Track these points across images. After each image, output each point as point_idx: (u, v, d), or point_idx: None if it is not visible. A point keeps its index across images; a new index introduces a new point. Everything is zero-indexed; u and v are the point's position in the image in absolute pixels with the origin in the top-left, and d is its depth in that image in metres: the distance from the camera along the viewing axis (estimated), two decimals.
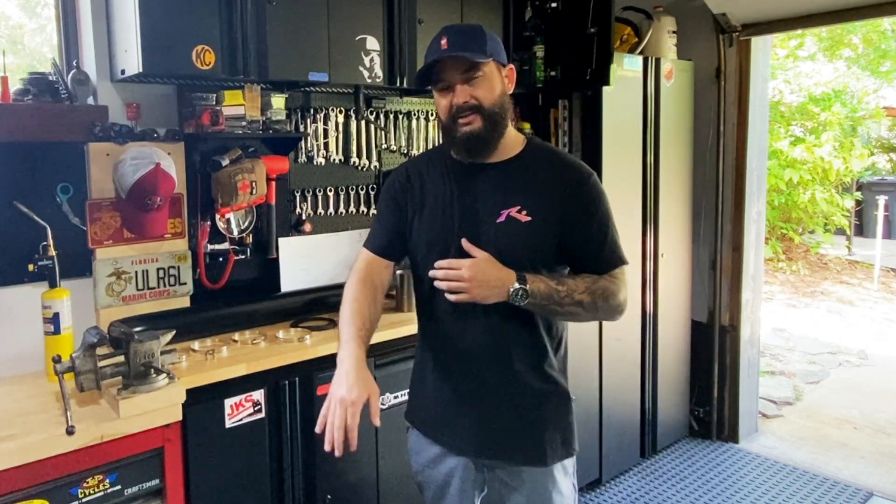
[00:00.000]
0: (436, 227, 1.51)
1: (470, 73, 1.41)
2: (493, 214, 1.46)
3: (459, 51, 1.39)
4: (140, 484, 1.65)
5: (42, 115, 1.94)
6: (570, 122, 3.05)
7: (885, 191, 9.01)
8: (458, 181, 1.51)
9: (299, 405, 2.03)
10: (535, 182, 1.47)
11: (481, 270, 1.38)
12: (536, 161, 1.50)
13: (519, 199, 1.46)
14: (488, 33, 1.45)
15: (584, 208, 1.48)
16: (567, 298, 1.41)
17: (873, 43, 8.77)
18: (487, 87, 1.43)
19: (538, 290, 1.39)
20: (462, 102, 1.42)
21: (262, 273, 2.47)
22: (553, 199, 1.45)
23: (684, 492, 3.06)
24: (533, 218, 1.44)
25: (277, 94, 2.32)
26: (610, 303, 1.46)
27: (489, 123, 1.43)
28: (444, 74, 1.43)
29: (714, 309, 3.52)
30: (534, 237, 1.44)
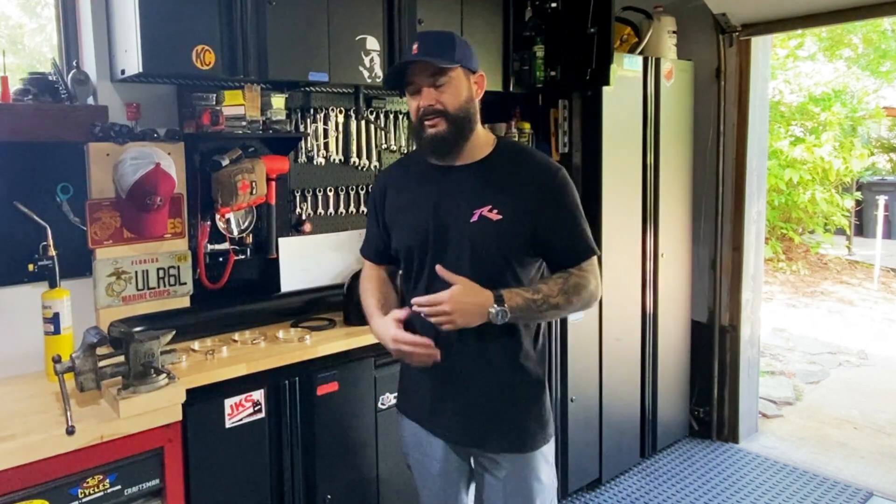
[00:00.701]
0: (414, 230, 1.60)
1: (436, 77, 1.49)
2: (466, 214, 1.53)
3: (427, 56, 1.48)
4: (140, 484, 1.65)
5: (42, 115, 1.94)
6: (570, 122, 3.05)
7: (885, 191, 9.01)
8: (432, 184, 1.59)
9: (299, 405, 2.03)
10: (506, 181, 1.54)
11: (460, 301, 1.45)
12: (506, 161, 1.58)
13: (490, 198, 1.52)
14: (459, 41, 1.54)
15: (554, 203, 1.54)
16: (544, 304, 1.49)
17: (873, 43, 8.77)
18: (453, 93, 1.51)
19: (516, 306, 1.46)
20: (427, 105, 1.50)
21: (262, 273, 2.47)
22: (523, 197, 1.52)
23: (684, 492, 3.06)
24: (504, 216, 1.51)
25: (277, 94, 2.32)
26: (583, 296, 1.54)
27: (453, 127, 1.51)
28: (413, 78, 1.52)
29: (714, 309, 3.52)
30: (505, 234, 1.51)
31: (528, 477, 1.62)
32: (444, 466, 1.68)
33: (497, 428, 1.59)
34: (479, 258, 1.52)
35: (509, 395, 1.59)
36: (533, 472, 1.62)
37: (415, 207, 1.61)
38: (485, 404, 1.59)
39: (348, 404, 2.14)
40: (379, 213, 1.71)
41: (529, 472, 1.62)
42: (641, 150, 3.15)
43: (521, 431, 1.60)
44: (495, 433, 1.59)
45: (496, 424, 1.59)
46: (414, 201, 1.62)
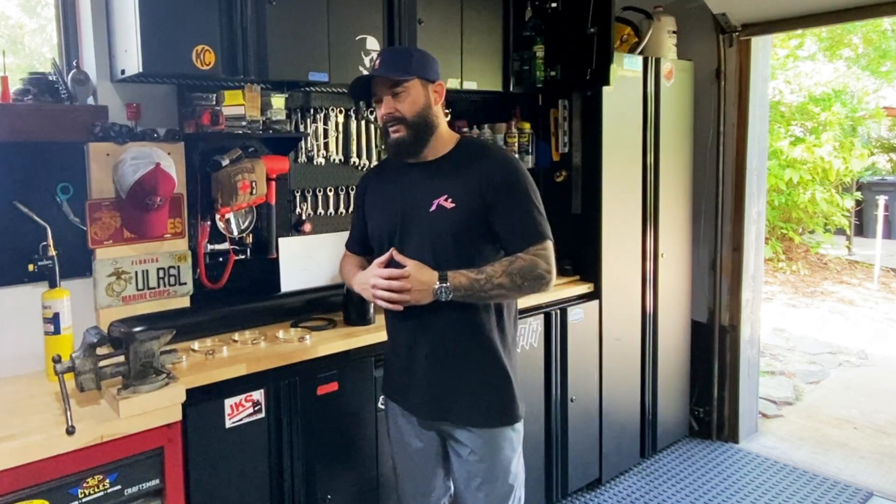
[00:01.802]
0: (385, 220, 1.78)
1: (394, 88, 1.66)
2: (426, 205, 1.69)
3: (382, 71, 1.67)
4: (140, 484, 1.65)
5: (42, 115, 1.94)
6: (570, 122, 3.05)
7: (885, 191, 9.01)
8: (400, 180, 1.78)
9: (299, 405, 2.03)
10: (461, 173, 1.69)
11: (415, 279, 1.62)
12: (464, 155, 1.73)
13: (446, 189, 1.68)
14: (417, 54, 1.73)
15: (504, 190, 1.66)
16: (487, 284, 1.61)
17: (873, 43, 8.77)
18: (410, 102, 1.67)
19: (460, 284, 1.61)
20: (387, 113, 1.68)
21: (262, 273, 2.47)
22: (475, 186, 1.66)
23: (684, 492, 3.06)
24: (457, 204, 1.67)
25: (277, 94, 2.32)
26: (529, 279, 1.64)
27: (412, 131, 1.68)
28: (375, 89, 1.71)
29: (714, 309, 3.52)
30: (458, 221, 1.66)
31: (492, 458, 1.74)
32: (418, 446, 1.83)
33: (458, 400, 1.72)
34: (438, 245, 1.67)
35: (469, 370, 1.72)
36: (498, 455, 1.74)
37: (386, 201, 1.80)
38: (446, 379, 1.72)
39: (348, 404, 2.14)
40: (360, 207, 1.93)
41: (494, 455, 1.74)
42: (641, 150, 3.15)
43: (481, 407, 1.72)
44: (457, 405, 1.72)
45: (457, 397, 1.72)
46: (386, 195, 1.81)
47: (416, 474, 1.88)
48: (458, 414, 1.73)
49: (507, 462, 1.76)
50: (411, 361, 1.77)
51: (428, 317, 1.70)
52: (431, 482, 1.88)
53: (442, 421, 1.76)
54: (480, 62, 2.75)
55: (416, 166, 1.75)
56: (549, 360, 2.81)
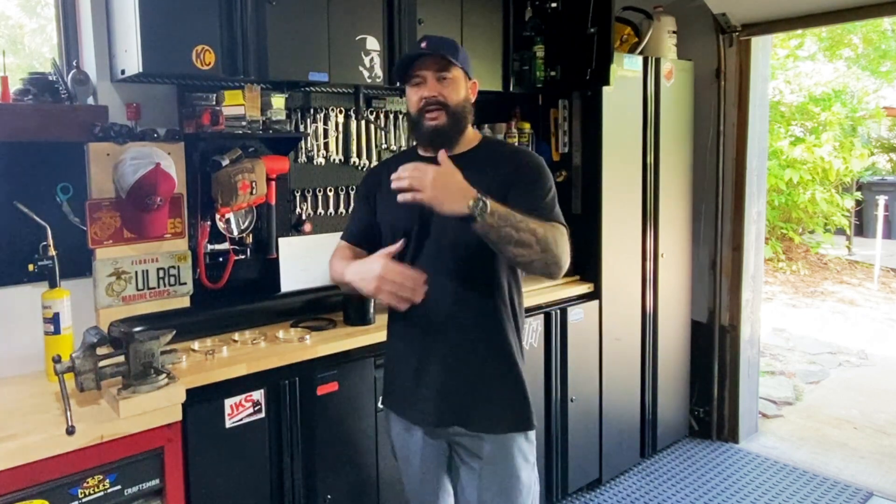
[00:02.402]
0: (401, 216, 1.67)
1: (441, 73, 1.62)
2: None
3: (437, 50, 1.60)
4: (140, 484, 1.64)
5: (42, 115, 1.94)
6: (570, 122, 3.05)
7: (885, 191, 9.01)
8: None
9: (299, 405, 2.03)
10: (485, 168, 1.63)
11: (445, 175, 1.43)
12: (488, 152, 1.70)
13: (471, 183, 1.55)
14: (461, 48, 1.67)
15: (524, 179, 1.62)
16: (523, 224, 1.46)
17: (873, 43, 8.77)
18: (454, 89, 1.64)
19: (496, 209, 1.43)
20: (431, 96, 1.62)
21: (262, 273, 2.47)
22: (497, 179, 1.60)
23: (684, 492, 3.06)
24: None
25: (277, 94, 2.32)
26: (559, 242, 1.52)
27: (452, 120, 1.64)
28: (419, 71, 1.63)
29: (714, 309, 3.52)
30: None
31: (505, 468, 1.65)
32: (423, 459, 1.75)
33: (472, 405, 1.64)
34: (459, 240, 1.59)
35: (486, 374, 1.65)
36: (510, 465, 1.65)
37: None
38: (461, 382, 1.64)
39: (348, 404, 2.14)
40: (370, 199, 1.80)
41: (506, 464, 1.65)
42: (641, 150, 3.15)
43: (500, 413, 1.65)
44: (470, 410, 1.64)
45: (471, 402, 1.64)
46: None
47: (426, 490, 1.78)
48: (471, 419, 1.64)
49: (519, 472, 1.67)
50: (423, 364, 1.67)
51: (444, 317, 1.63)
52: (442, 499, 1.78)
53: (453, 427, 1.67)
54: (480, 62, 2.74)
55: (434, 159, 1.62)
56: (549, 359, 2.81)
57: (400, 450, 1.81)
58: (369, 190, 1.82)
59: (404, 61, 1.66)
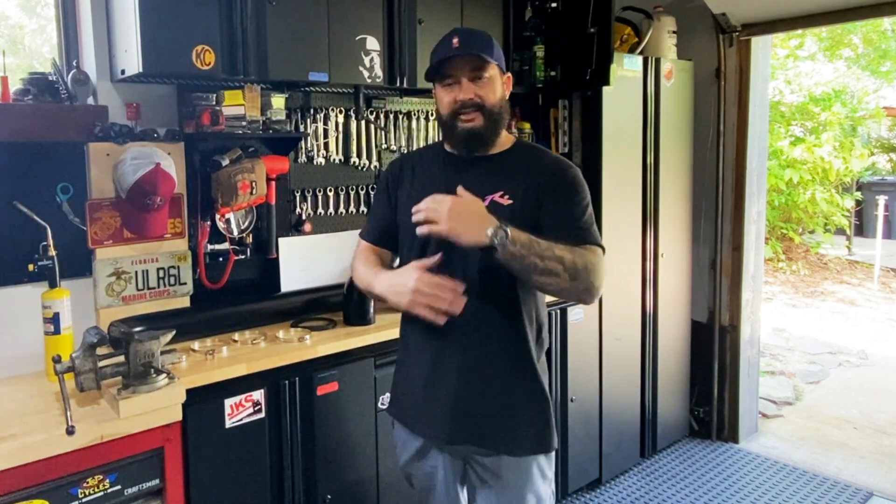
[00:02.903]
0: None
1: (477, 72, 1.51)
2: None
3: (472, 50, 1.49)
4: (140, 484, 1.64)
5: (42, 115, 1.94)
6: (570, 122, 3.05)
7: (885, 191, 9.00)
8: (448, 171, 1.61)
9: (299, 405, 2.03)
10: (519, 172, 1.56)
11: (463, 205, 1.38)
12: (522, 155, 1.61)
13: (502, 185, 1.53)
14: (494, 41, 1.57)
15: (562, 192, 1.53)
16: (548, 252, 1.39)
17: (873, 43, 8.78)
18: (491, 89, 1.53)
19: (518, 237, 1.36)
20: (467, 98, 1.51)
21: (262, 273, 2.47)
22: (532, 185, 1.53)
23: (684, 492, 3.06)
24: (514, 201, 1.52)
25: (277, 94, 2.32)
26: (588, 267, 1.43)
27: (489, 122, 1.54)
28: (452, 71, 1.52)
29: (714, 309, 3.52)
30: (514, 219, 1.45)
31: (524, 489, 1.56)
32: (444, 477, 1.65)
33: (491, 424, 1.54)
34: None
35: (509, 393, 1.55)
36: (529, 485, 1.56)
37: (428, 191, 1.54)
38: (479, 397, 1.54)
39: (348, 404, 2.14)
40: (391, 193, 1.69)
41: (526, 485, 1.56)
42: (641, 150, 3.15)
43: (519, 433, 1.54)
44: (489, 429, 1.54)
45: (490, 419, 1.54)
46: (428, 185, 1.59)
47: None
48: (488, 439, 1.54)
49: (538, 490, 1.58)
50: (435, 375, 1.57)
51: (462, 325, 1.49)
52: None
53: (468, 446, 1.57)
54: None
55: (469, 160, 1.59)
56: (549, 359, 2.80)
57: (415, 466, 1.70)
58: (389, 185, 1.71)
59: (436, 62, 1.53)
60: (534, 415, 1.56)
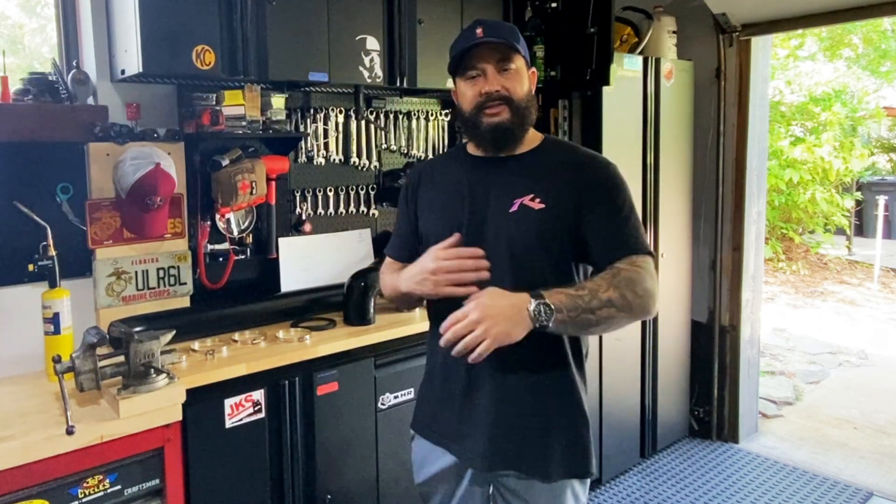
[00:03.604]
0: (444, 220, 1.47)
1: (503, 63, 1.40)
2: (505, 204, 1.41)
3: (500, 37, 1.38)
4: (140, 484, 1.65)
5: (42, 115, 1.94)
6: (570, 122, 3.05)
7: (885, 191, 9.00)
8: (471, 174, 1.49)
9: (299, 405, 2.03)
10: (551, 172, 1.43)
11: (490, 304, 1.23)
12: (553, 154, 1.47)
13: (533, 187, 1.41)
14: (519, 33, 1.46)
15: (602, 195, 1.40)
16: (595, 301, 1.28)
17: (873, 43, 8.77)
18: (518, 80, 1.42)
19: (561, 303, 1.25)
20: (493, 90, 1.39)
21: (262, 273, 2.48)
22: (568, 187, 1.40)
23: (684, 492, 3.06)
24: (547, 205, 1.38)
25: (277, 94, 2.32)
26: (638, 292, 1.33)
27: (517, 116, 1.42)
28: (476, 62, 1.41)
29: (714, 309, 3.52)
30: (547, 224, 1.37)
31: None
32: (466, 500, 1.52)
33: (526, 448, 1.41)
34: (517, 253, 1.38)
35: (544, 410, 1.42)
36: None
37: (449, 196, 1.49)
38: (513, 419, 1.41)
39: (348, 404, 2.14)
40: (410, 203, 1.59)
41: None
42: (641, 150, 3.15)
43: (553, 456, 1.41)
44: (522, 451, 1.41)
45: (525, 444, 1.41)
46: (449, 190, 1.50)
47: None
48: (522, 463, 1.41)
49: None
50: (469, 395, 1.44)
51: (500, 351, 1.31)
52: None
53: (501, 471, 1.43)
54: None
55: (493, 161, 1.47)
56: None
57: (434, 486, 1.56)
58: (408, 199, 1.60)
59: (460, 52, 1.41)
60: (570, 436, 1.43)
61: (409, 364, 2.28)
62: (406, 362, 2.28)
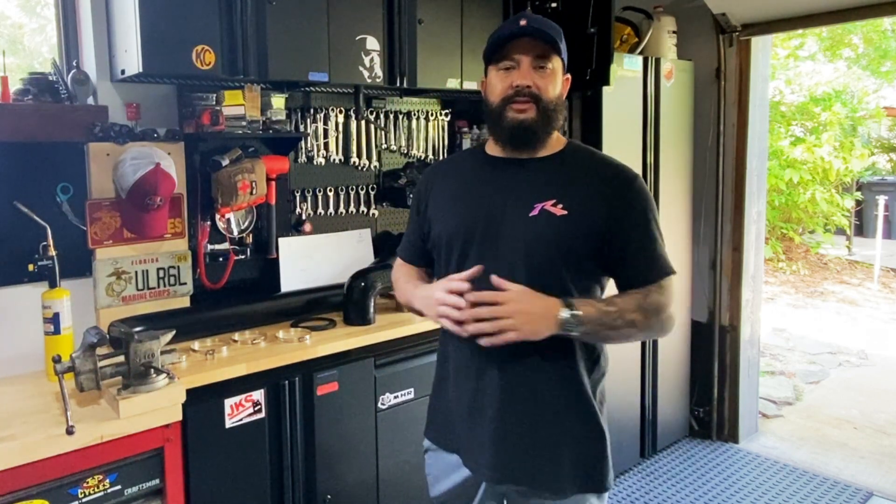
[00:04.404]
0: (460, 221, 1.43)
1: (541, 60, 1.36)
2: (524, 208, 1.36)
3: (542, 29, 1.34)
4: (140, 484, 1.65)
5: (42, 115, 1.94)
6: (570, 122, 3.05)
7: (885, 191, 9.00)
8: (488, 176, 1.45)
9: (299, 405, 2.03)
10: (575, 178, 1.39)
11: (524, 300, 1.24)
12: (577, 159, 1.43)
13: (555, 192, 1.36)
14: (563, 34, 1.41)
15: (631, 210, 1.37)
16: (619, 320, 1.29)
17: (874, 43, 8.78)
18: (552, 81, 1.37)
19: (589, 315, 1.26)
20: (524, 85, 1.34)
21: (262, 273, 2.48)
22: (595, 197, 1.36)
23: (684, 492, 3.06)
24: (570, 212, 1.34)
25: (277, 94, 2.32)
26: (661, 318, 1.35)
27: (543, 116, 1.36)
28: (514, 52, 1.36)
29: (714, 309, 3.52)
30: (569, 233, 1.33)
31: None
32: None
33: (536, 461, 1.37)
34: (535, 259, 1.34)
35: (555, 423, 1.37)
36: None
37: (464, 197, 1.45)
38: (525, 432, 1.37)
39: (348, 404, 2.14)
40: (422, 206, 1.55)
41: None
42: (641, 150, 3.15)
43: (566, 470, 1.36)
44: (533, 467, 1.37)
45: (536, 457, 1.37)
46: (464, 190, 1.46)
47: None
48: (532, 477, 1.37)
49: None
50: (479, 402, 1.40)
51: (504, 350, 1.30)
52: None
53: (510, 485, 1.40)
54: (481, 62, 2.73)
55: (512, 161, 1.42)
56: None
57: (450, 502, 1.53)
58: (420, 201, 1.57)
59: (499, 39, 1.37)
60: (583, 449, 1.38)
61: (410, 364, 2.28)
62: (406, 362, 2.28)
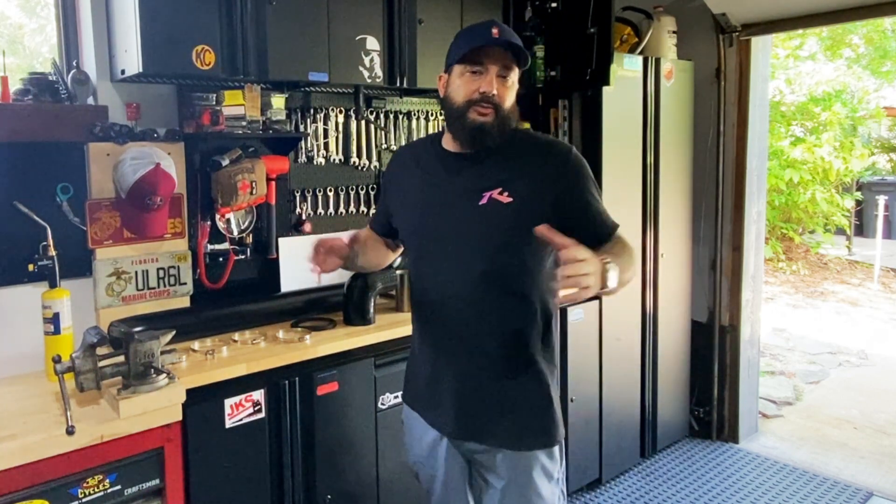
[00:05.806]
0: (416, 213, 1.60)
1: (506, 70, 1.48)
2: (474, 198, 1.50)
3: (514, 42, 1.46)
4: (140, 484, 1.65)
5: (42, 115, 1.94)
6: (570, 122, 3.05)
7: (885, 191, 9.01)
8: (443, 168, 1.58)
9: (299, 405, 2.03)
10: (518, 165, 1.52)
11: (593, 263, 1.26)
12: (518, 146, 1.56)
13: (501, 181, 1.50)
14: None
15: (574, 182, 1.52)
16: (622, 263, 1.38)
17: (874, 43, 8.78)
18: (510, 92, 1.51)
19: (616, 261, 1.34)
20: (490, 92, 1.46)
21: (262, 273, 2.48)
22: (536, 178, 1.50)
23: (684, 492, 3.06)
24: (514, 199, 1.48)
25: (277, 94, 2.32)
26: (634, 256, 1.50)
27: (500, 122, 1.49)
28: (486, 59, 1.47)
29: (714, 309, 3.52)
30: (515, 218, 1.47)
31: (526, 488, 1.53)
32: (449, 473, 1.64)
33: (491, 420, 1.54)
34: (487, 244, 1.50)
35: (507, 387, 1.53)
36: (531, 485, 1.54)
37: (419, 189, 1.61)
38: (478, 394, 1.54)
39: (348, 404, 2.14)
40: (386, 191, 1.77)
41: (527, 484, 1.53)
42: (641, 150, 3.15)
43: (523, 427, 1.53)
44: (487, 424, 1.54)
45: (488, 415, 1.54)
46: (419, 183, 1.61)
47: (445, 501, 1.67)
48: (488, 434, 1.54)
49: (540, 490, 1.54)
50: (438, 370, 1.59)
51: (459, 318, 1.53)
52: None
53: (470, 443, 1.57)
54: None
55: (461, 155, 1.55)
56: None
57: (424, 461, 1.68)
58: (386, 182, 1.81)
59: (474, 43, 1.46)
60: (533, 409, 1.55)
61: None
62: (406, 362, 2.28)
